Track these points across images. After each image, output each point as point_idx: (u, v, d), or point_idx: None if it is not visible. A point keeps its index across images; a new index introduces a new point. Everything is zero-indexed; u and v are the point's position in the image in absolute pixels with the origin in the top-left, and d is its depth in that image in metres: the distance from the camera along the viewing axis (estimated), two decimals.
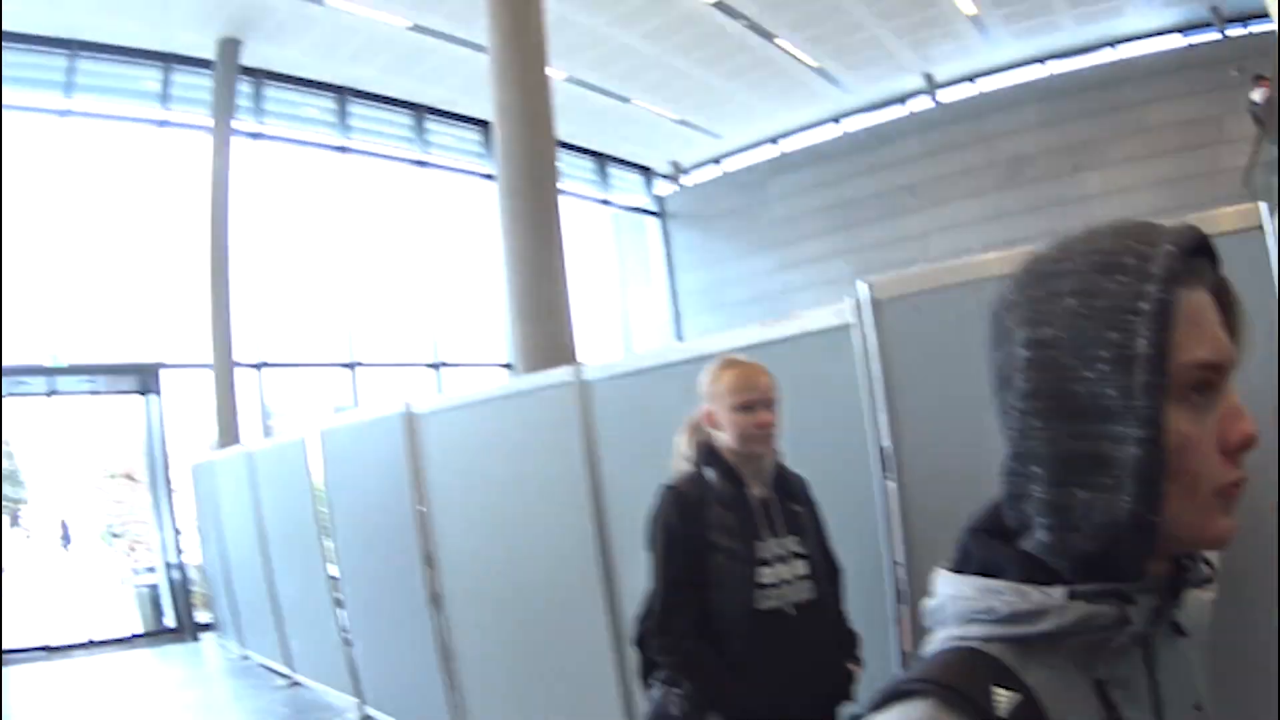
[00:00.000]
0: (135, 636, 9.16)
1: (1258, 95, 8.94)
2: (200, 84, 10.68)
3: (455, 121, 13.34)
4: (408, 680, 4.67)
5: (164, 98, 10.65)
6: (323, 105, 12.22)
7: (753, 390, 2.01)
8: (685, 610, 1.97)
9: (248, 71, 11.01)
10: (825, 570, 2.07)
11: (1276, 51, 7.25)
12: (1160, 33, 11.90)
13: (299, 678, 6.42)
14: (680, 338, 14.83)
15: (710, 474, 2.04)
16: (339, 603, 5.48)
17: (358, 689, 5.33)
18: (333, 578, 5.54)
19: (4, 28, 9.06)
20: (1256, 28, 10.79)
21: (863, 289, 2.28)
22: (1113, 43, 12.21)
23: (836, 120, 14.16)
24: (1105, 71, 11.92)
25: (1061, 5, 11.34)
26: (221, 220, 10.23)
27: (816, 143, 14.21)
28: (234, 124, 10.69)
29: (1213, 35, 11.51)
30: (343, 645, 5.48)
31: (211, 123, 10.51)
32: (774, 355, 2.28)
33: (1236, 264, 0.67)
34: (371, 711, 5.18)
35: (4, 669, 6.68)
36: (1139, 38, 12.03)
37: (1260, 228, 1.72)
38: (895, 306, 2.24)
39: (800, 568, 2.00)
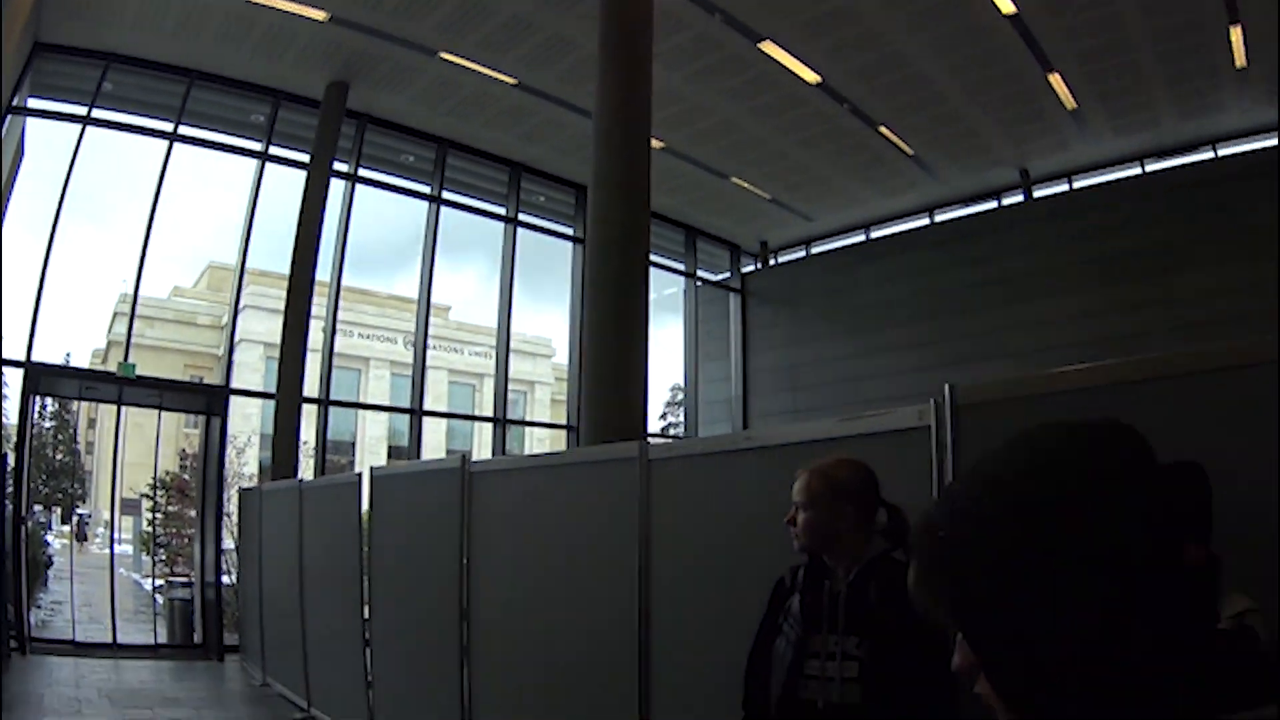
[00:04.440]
0: (161, 647, 9.20)
1: None
2: (306, 122, 10.99)
3: (550, 182, 13.41)
4: None
5: (269, 132, 10.95)
6: (420, 154, 12.30)
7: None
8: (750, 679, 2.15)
9: (352, 115, 11.24)
10: (884, 678, 1.90)
11: None
12: (1261, 131, 11.38)
13: (315, 712, 6.32)
14: (748, 415, 14.78)
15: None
16: (367, 643, 5.40)
17: None
18: (364, 619, 5.48)
19: (130, 54, 9.74)
20: None
21: (946, 391, 2.19)
22: (1212, 141, 11.77)
23: (929, 211, 14.09)
24: (1203, 170, 11.43)
25: (1163, 102, 10.99)
26: (308, 256, 10.39)
27: (907, 231, 14.13)
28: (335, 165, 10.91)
29: None
30: (365, 686, 5.38)
31: (308, 160, 10.73)
32: (848, 450, 2.21)
33: None
34: None
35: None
36: (1239, 136, 11.56)
37: None
38: (978, 412, 2.14)
39: (851, 669, 1.92)
